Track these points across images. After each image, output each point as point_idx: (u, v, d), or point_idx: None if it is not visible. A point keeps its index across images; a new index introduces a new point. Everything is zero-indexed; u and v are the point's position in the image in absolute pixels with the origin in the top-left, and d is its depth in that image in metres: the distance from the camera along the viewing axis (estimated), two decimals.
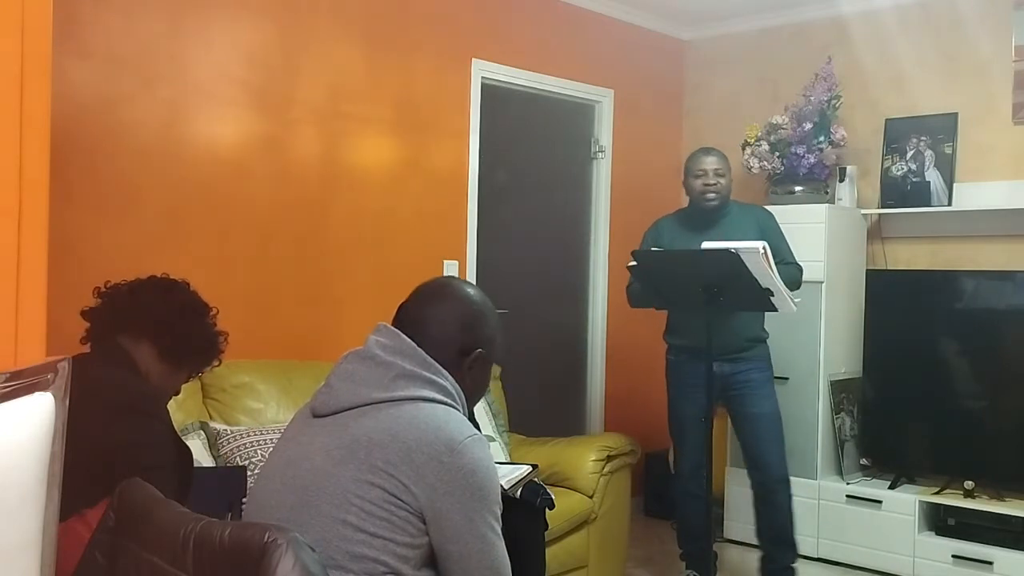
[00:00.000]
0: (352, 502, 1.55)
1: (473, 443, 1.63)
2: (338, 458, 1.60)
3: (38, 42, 1.68)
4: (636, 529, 4.59)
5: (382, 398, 1.65)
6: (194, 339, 2.21)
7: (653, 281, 3.52)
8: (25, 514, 1.49)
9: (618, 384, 5.14)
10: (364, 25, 3.96)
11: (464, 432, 1.63)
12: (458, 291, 1.84)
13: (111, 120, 3.23)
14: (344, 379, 1.72)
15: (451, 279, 1.93)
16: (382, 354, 1.71)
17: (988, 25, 4.41)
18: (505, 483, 3.11)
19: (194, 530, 1.46)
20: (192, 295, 2.26)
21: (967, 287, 4.37)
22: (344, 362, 1.76)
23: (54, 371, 1.56)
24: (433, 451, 1.59)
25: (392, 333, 1.74)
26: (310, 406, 1.76)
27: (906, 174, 4.59)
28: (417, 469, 1.57)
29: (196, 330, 2.22)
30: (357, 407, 1.66)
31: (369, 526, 1.54)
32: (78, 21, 3.12)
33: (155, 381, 2.18)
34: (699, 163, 3.79)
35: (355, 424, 1.64)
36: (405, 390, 1.66)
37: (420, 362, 1.70)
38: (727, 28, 5.28)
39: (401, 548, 1.57)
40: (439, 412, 1.66)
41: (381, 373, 1.68)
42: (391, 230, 4.05)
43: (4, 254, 1.65)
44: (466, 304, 1.81)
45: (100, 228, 3.17)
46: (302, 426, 1.75)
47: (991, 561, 3.95)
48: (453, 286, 1.87)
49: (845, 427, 4.52)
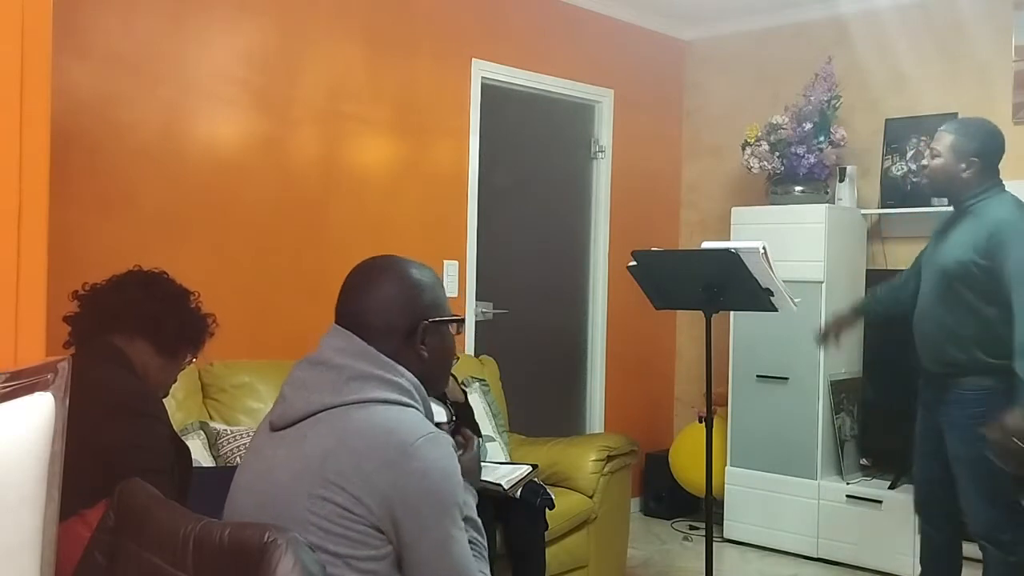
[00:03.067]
0: (311, 520, 1.50)
1: (426, 443, 1.55)
2: (296, 472, 1.56)
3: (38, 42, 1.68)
4: (636, 529, 4.59)
5: (335, 403, 1.60)
6: (185, 327, 2.22)
7: (653, 281, 3.52)
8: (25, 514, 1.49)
9: (618, 384, 5.14)
10: (364, 25, 3.96)
11: (416, 433, 1.57)
12: (383, 271, 1.74)
13: (111, 120, 3.23)
14: (297, 387, 1.67)
15: (370, 262, 1.78)
16: (334, 357, 1.65)
17: (988, 25, 4.41)
18: (505, 483, 3.12)
19: (194, 530, 1.46)
20: (173, 283, 2.26)
21: None
22: (296, 370, 1.70)
23: (54, 371, 1.56)
24: (383, 457, 1.53)
25: (343, 334, 1.68)
26: (268, 419, 1.70)
27: (906, 174, 4.59)
28: (367, 479, 1.51)
29: (185, 317, 2.22)
30: (312, 415, 1.61)
31: (329, 545, 1.49)
32: (78, 21, 3.12)
33: (154, 375, 2.18)
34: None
35: (312, 433, 1.59)
36: (358, 392, 1.61)
37: (372, 360, 1.64)
38: (727, 28, 5.27)
39: (365, 563, 1.51)
40: (392, 414, 1.60)
41: (333, 377, 1.63)
42: (391, 230, 4.05)
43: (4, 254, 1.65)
44: (396, 282, 1.72)
45: (100, 228, 3.17)
46: (264, 439, 1.69)
47: None
48: (376, 268, 1.75)
49: (845, 427, 4.52)
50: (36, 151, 1.68)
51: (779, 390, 4.57)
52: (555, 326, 4.94)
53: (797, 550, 4.49)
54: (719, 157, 5.29)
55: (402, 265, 1.76)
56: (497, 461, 3.59)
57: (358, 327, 1.68)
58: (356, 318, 1.69)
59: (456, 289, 4.33)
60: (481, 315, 4.50)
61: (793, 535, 4.51)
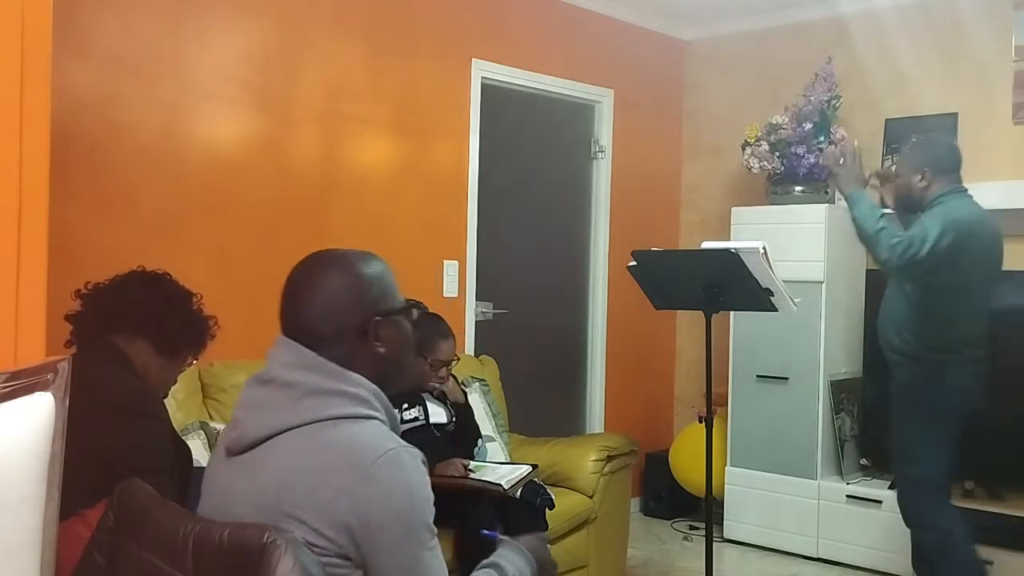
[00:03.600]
0: None
1: (386, 464, 1.46)
2: (255, 507, 1.48)
3: (38, 42, 1.68)
4: (636, 529, 4.59)
5: (293, 423, 1.51)
6: (186, 327, 2.22)
7: (653, 281, 3.52)
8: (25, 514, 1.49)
9: (618, 384, 5.14)
10: (364, 25, 3.96)
11: (375, 452, 1.47)
12: (322, 271, 1.62)
13: (111, 119, 3.23)
14: (250, 409, 1.58)
15: (307, 263, 1.66)
16: (284, 373, 1.56)
17: (988, 25, 4.41)
18: (505, 483, 3.12)
19: (193, 530, 1.46)
20: (175, 284, 2.26)
21: None
22: (247, 389, 1.61)
23: (54, 371, 1.56)
24: (341, 484, 1.44)
25: (291, 346, 1.58)
26: (223, 444, 1.61)
27: None
28: (324, 508, 1.44)
29: (187, 319, 2.23)
30: (270, 437, 1.52)
31: None
32: (78, 21, 3.12)
33: (154, 375, 2.19)
34: None
35: (270, 460, 1.51)
36: (314, 411, 1.51)
37: (325, 372, 1.55)
38: (727, 28, 5.27)
39: None
40: (350, 433, 1.50)
41: (287, 395, 1.54)
42: (391, 230, 4.05)
43: (4, 254, 1.65)
44: (338, 281, 1.60)
45: (100, 228, 3.17)
46: (221, 467, 1.60)
47: (991, 561, 3.95)
48: (315, 268, 1.63)
49: (845, 427, 4.52)
50: (36, 151, 1.68)
51: (779, 390, 4.57)
52: (555, 326, 4.94)
53: (797, 550, 4.50)
54: (719, 157, 5.29)
55: (342, 261, 1.64)
56: (497, 461, 3.59)
57: (305, 335, 1.58)
58: (302, 326, 1.59)
59: (456, 289, 4.33)
60: (481, 315, 4.50)
61: (793, 535, 4.51)
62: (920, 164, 3.37)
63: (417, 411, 3.32)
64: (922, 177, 3.36)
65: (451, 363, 3.36)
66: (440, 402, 3.42)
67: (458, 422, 3.45)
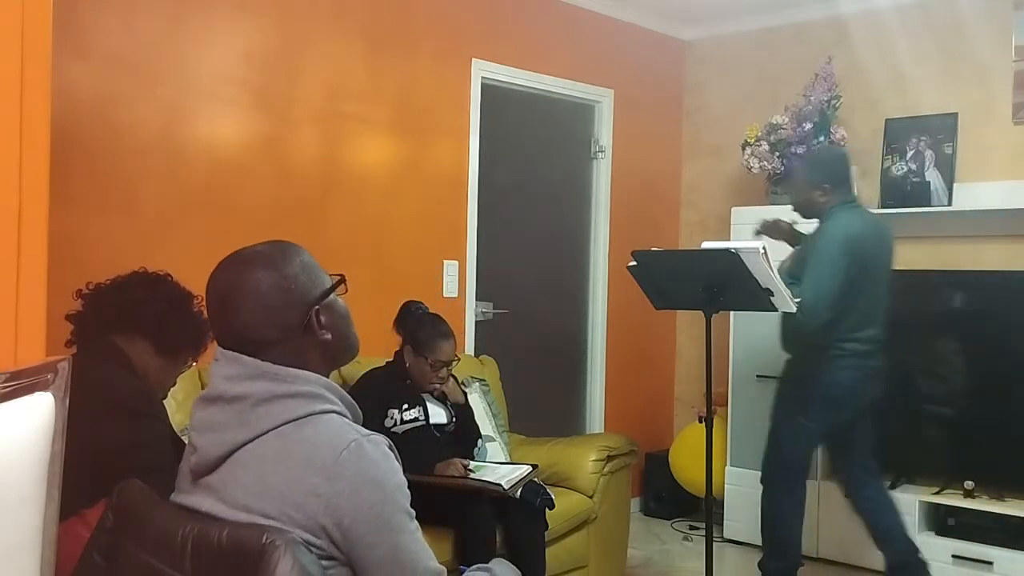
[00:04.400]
0: None
1: (349, 457, 1.44)
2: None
3: (38, 42, 1.68)
4: (636, 529, 4.59)
5: (247, 438, 1.48)
6: (187, 328, 2.22)
7: (653, 281, 3.52)
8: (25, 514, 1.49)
9: (618, 384, 5.14)
10: (364, 25, 3.96)
11: (336, 448, 1.44)
12: (245, 276, 1.54)
13: (111, 120, 3.23)
14: (203, 431, 1.53)
15: (225, 270, 1.58)
16: (229, 388, 1.51)
17: (988, 25, 4.41)
18: (505, 483, 3.12)
19: (193, 531, 1.45)
20: (176, 285, 2.26)
21: (967, 287, 4.37)
22: (196, 411, 1.56)
23: (54, 371, 1.56)
24: (307, 488, 1.42)
25: (231, 359, 1.53)
26: (186, 471, 1.58)
27: (906, 174, 4.59)
28: (297, 515, 1.42)
29: (187, 320, 2.22)
30: (227, 456, 1.49)
31: None
32: (78, 21, 3.12)
33: (154, 375, 2.19)
34: None
35: (232, 477, 1.48)
36: (267, 419, 1.48)
37: (271, 377, 1.50)
38: (727, 28, 5.28)
39: None
40: (311, 432, 1.47)
41: (236, 409, 1.49)
42: (391, 230, 4.05)
43: (4, 254, 1.65)
44: (265, 282, 1.53)
45: (100, 228, 3.17)
46: (188, 492, 1.57)
47: (991, 561, 3.95)
48: (236, 273, 1.56)
49: None
50: (36, 151, 1.68)
51: None
52: (555, 326, 4.94)
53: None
54: (719, 157, 5.29)
55: (262, 259, 1.56)
56: (497, 461, 3.58)
57: (244, 344, 1.53)
58: (239, 336, 1.53)
59: (456, 289, 4.33)
60: (481, 315, 4.50)
61: None
62: (821, 180, 3.63)
63: (417, 411, 3.32)
64: (823, 192, 3.62)
65: (451, 363, 3.36)
66: (440, 402, 3.42)
67: (458, 422, 3.45)
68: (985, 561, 3.97)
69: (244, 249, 1.60)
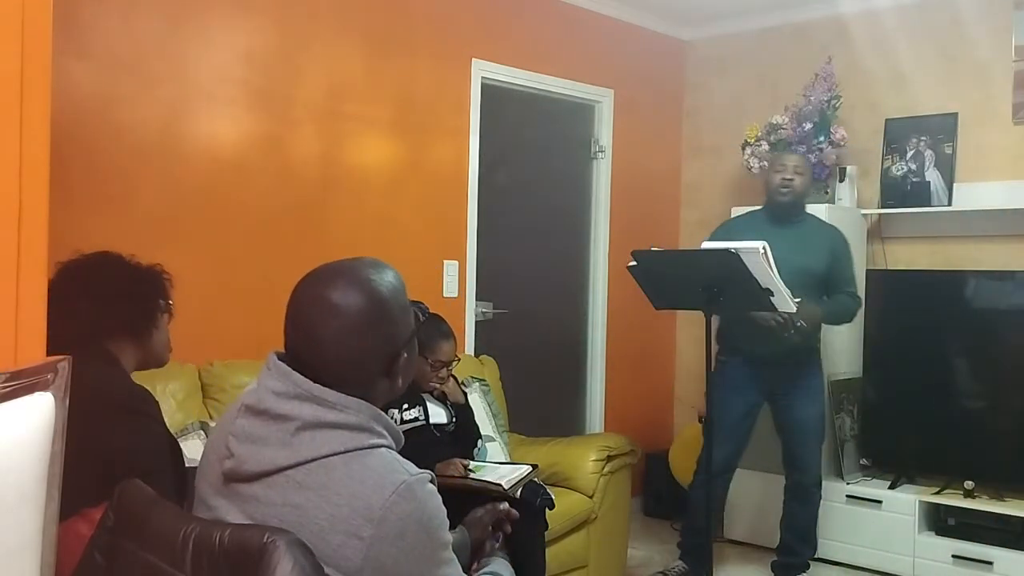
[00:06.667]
0: None
1: (397, 500, 1.39)
2: None
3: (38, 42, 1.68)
4: (636, 529, 4.60)
5: (288, 463, 1.42)
6: (136, 302, 2.16)
7: (653, 281, 3.52)
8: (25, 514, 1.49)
9: (618, 384, 5.14)
10: (364, 25, 3.96)
11: (385, 489, 1.39)
12: (345, 288, 1.50)
13: (111, 120, 3.23)
14: (244, 440, 1.48)
15: (327, 274, 1.55)
16: (276, 405, 1.46)
17: (988, 25, 4.41)
18: (505, 483, 3.12)
19: (193, 531, 1.45)
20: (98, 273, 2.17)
21: (967, 287, 4.37)
22: (240, 418, 1.50)
23: (54, 371, 1.56)
24: (350, 527, 1.37)
25: (283, 373, 1.47)
26: (219, 470, 1.51)
27: (906, 174, 4.59)
28: (333, 555, 1.37)
29: (133, 293, 2.16)
30: (265, 475, 1.44)
31: None
32: (78, 21, 3.12)
33: (148, 353, 2.16)
34: (781, 159, 4.04)
35: (266, 498, 1.44)
36: (311, 446, 1.42)
37: (320, 402, 1.44)
38: (727, 28, 5.28)
39: None
40: (354, 470, 1.41)
41: (279, 428, 1.44)
42: (391, 230, 4.05)
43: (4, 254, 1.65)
44: (361, 303, 1.49)
45: (100, 228, 3.16)
46: (215, 488, 1.52)
47: (991, 561, 3.96)
48: (335, 281, 1.51)
49: (845, 427, 4.52)
50: (36, 151, 1.68)
51: None
52: (555, 326, 4.94)
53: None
54: (719, 157, 5.29)
55: (364, 274, 1.52)
56: (497, 461, 3.58)
57: (309, 369, 1.47)
58: (308, 364, 1.48)
59: (456, 289, 4.33)
60: (481, 315, 4.50)
61: None
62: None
63: (417, 411, 3.31)
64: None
65: (452, 364, 3.36)
66: (440, 402, 3.42)
67: (458, 422, 3.45)
68: (985, 561, 3.97)
69: (340, 262, 1.56)
